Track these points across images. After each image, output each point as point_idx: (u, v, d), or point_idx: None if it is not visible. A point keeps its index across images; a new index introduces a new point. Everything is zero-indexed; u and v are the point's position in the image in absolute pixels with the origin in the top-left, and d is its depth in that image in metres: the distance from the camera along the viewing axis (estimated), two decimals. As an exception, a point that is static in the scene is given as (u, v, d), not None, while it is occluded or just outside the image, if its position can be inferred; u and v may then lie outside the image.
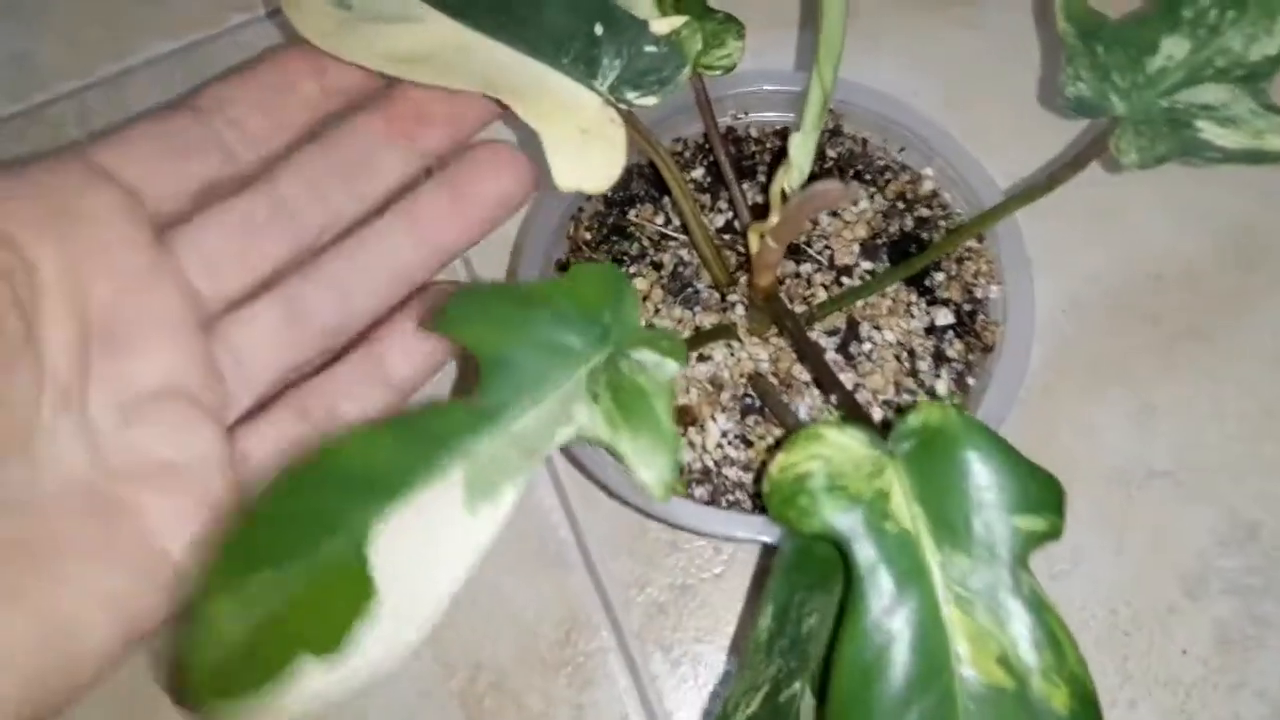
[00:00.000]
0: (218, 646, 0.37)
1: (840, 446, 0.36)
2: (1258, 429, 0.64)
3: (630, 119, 0.42)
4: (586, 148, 0.39)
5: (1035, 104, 0.69)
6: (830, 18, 0.42)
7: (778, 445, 0.49)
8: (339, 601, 0.36)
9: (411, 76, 0.42)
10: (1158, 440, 0.64)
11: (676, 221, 0.54)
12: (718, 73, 0.48)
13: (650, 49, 0.40)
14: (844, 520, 0.36)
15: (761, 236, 0.45)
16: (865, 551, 0.35)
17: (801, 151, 0.43)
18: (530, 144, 0.42)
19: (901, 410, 0.49)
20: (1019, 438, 0.64)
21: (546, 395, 0.38)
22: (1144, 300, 0.66)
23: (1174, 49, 0.41)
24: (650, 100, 0.40)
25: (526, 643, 0.60)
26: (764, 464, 0.48)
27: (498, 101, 0.41)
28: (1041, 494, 0.35)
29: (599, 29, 0.41)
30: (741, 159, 0.55)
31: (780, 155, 0.55)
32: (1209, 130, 0.39)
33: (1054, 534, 0.35)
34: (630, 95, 0.40)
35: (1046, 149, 0.67)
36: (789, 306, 0.48)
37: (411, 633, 0.35)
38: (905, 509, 0.36)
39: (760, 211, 0.54)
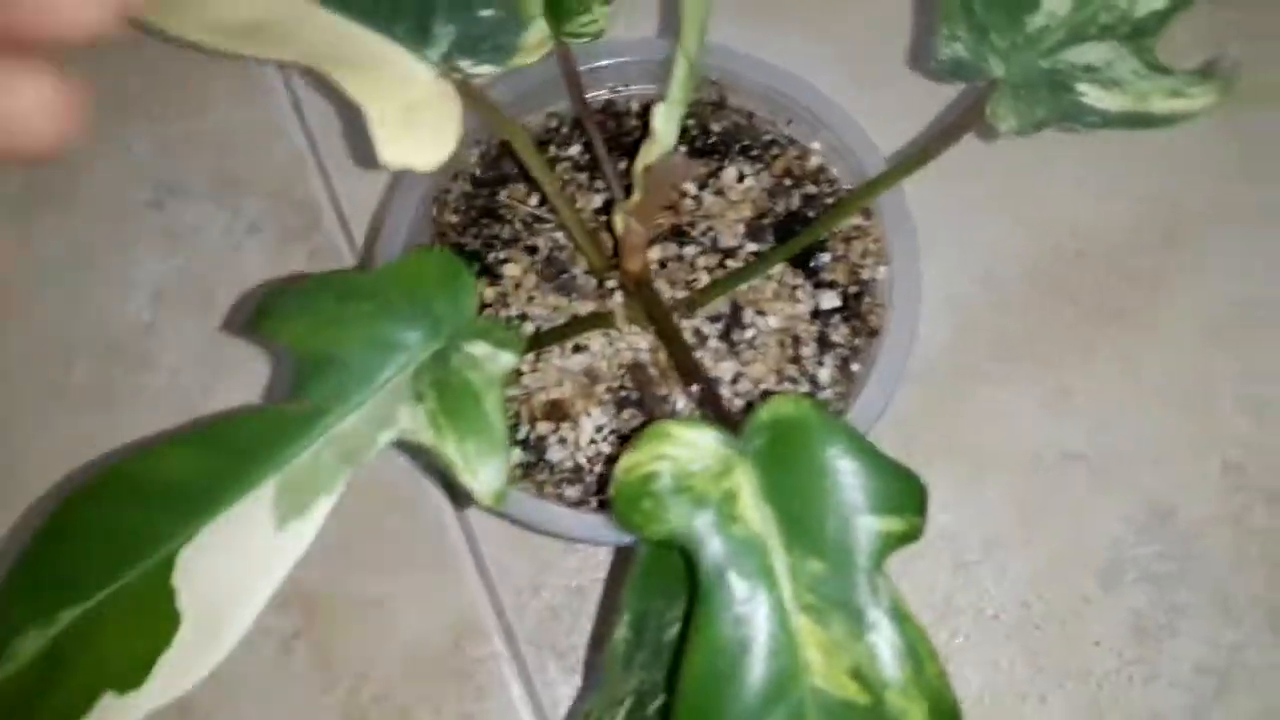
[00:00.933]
0: (17, 684, 0.33)
1: (688, 445, 0.33)
2: (1175, 411, 0.61)
3: (476, 93, 0.39)
4: (414, 123, 0.36)
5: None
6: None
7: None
8: (143, 633, 0.33)
9: (242, 49, 0.38)
10: (1072, 423, 0.61)
11: (550, 203, 0.50)
12: (584, 39, 0.44)
13: (485, 12, 0.37)
14: (691, 524, 0.32)
15: (626, 217, 0.42)
16: (712, 556, 0.32)
17: (665, 124, 0.40)
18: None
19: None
20: (923, 420, 0.62)
21: (369, 396, 0.35)
22: (1062, 276, 0.64)
23: (1056, 6, 0.38)
24: (487, 69, 0.37)
25: (414, 651, 0.57)
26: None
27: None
28: (901, 493, 0.32)
29: (430, -9, 0.37)
30: (621, 134, 0.51)
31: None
32: (1091, 93, 0.36)
33: (913, 535, 0.32)
34: (465, 64, 0.37)
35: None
36: (659, 293, 0.45)
37: (212, 658, 0.32)
38: (755, 510, 0.33)
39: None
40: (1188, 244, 0.65)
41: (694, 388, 0.42)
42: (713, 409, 0.39)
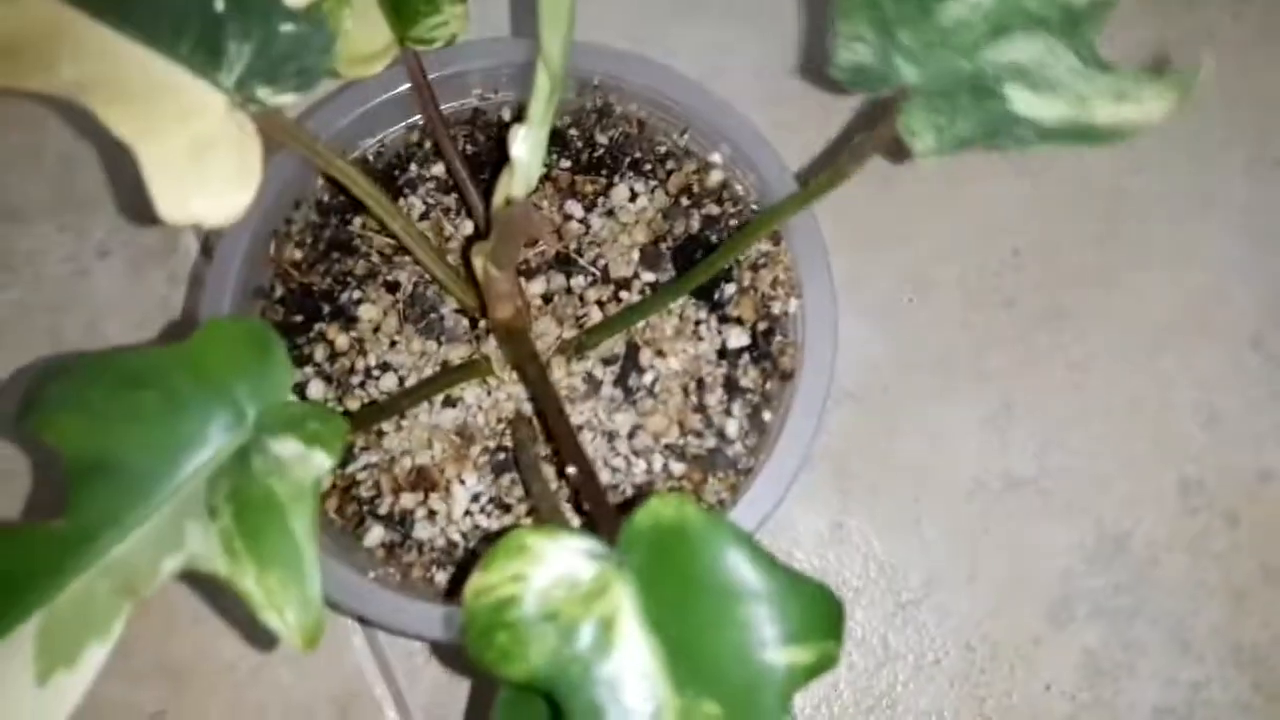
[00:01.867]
0: None
1: (551, 560, 0.27)
2: (1125, 426, 0.56)
3: (288, 126, 0.32)
4: (203, 167, 0.29)
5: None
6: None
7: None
8: None
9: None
10: (1017, 443, 0.56)
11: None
12: (434, 45, 0.37)
13: (286, 28, 0.30)
14: (558, 660, 0.26)
15: (485, 262, 0.35)
16: (585, 701, 0.26)
17: (527, 151, 0.33)
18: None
19: (685, 456, 0.40)
20: (857, 444, 0.56)
21: (152, 510, 0.28)
22: (999, 279, 0.58)
23: (976, -7, 0.31)
24: (288, 98, 0.30)
25: (297, 728, 0.51)
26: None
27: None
28: (812, 615, 0.26)
29: (219, 4, 0.30)
30: (495, 146, 0.45)
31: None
32: (1020, 99, 0.30)
33: (827, 665, 0.26)
34: (262, 92, 0.30)
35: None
36: (532, 344, 0.38)
37: None
38: (636, 640, 0.27)
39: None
40: (1129, 238, 0.59)
41: (569, 470, 0.36)
42: (591, 500, 0.32)
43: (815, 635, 0.26)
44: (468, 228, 0.44)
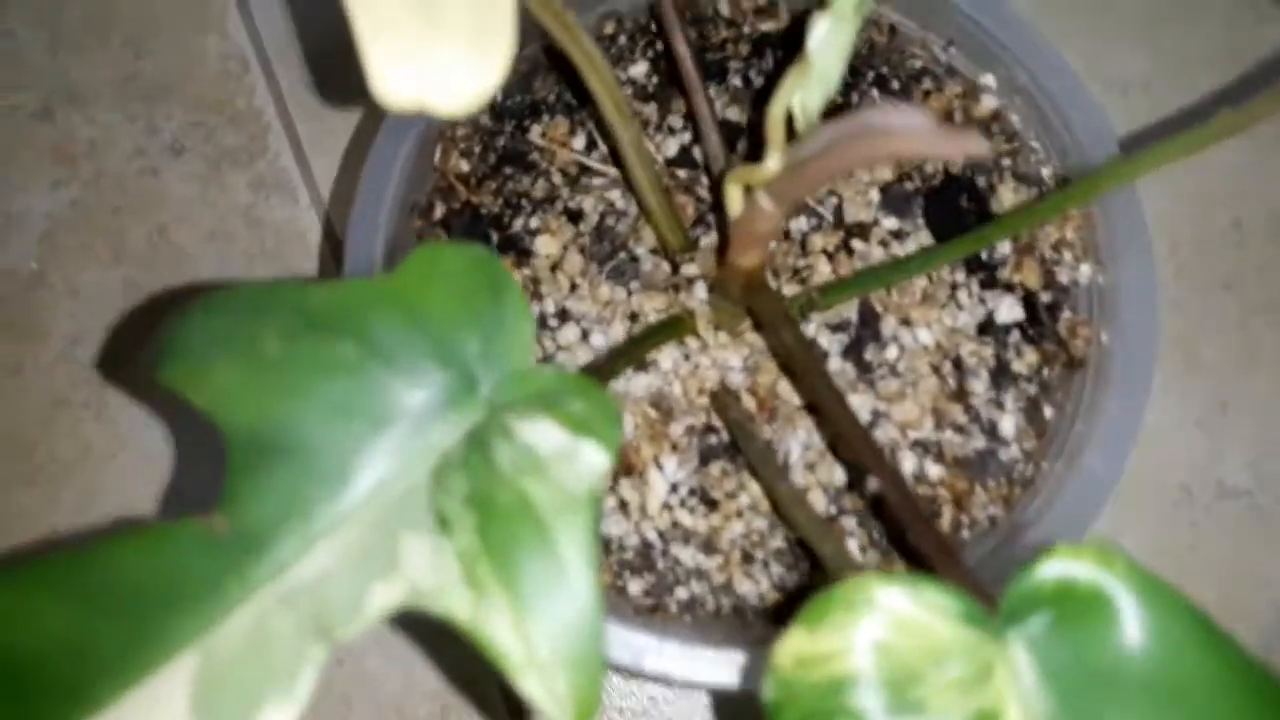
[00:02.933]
0: None
1: (908, 622, 0.19)
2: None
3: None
4: (437, 24, 0.20)
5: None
6: None
7: (754, 509, 0.32)
8: None
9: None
10: (1232, 448, 0.48)
11: (604, 147, 0.35)
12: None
13: None
14: None
15: (749, 190, 0.26)
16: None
17: (829, 51, 0.25)
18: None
19: (944, 457, 0.32)
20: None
21: (351, 514, 0.20)
22: (1217, 257, 0.50)
23: None
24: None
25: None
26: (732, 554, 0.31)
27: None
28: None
29: None
30: (706, 49, 0.36)
31: (766, 45, 0.36)
32: None
33: None
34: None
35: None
36: (779, 298, 0.30)
37: None
38: None
39: (750, 138, 0.36)
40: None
41: (870, 483, 0.28)
42: (916, 531, 0.24)
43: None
44: (670, 148, 0.35)
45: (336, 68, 0.50)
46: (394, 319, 0.21)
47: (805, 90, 0.25)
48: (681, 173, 0.35)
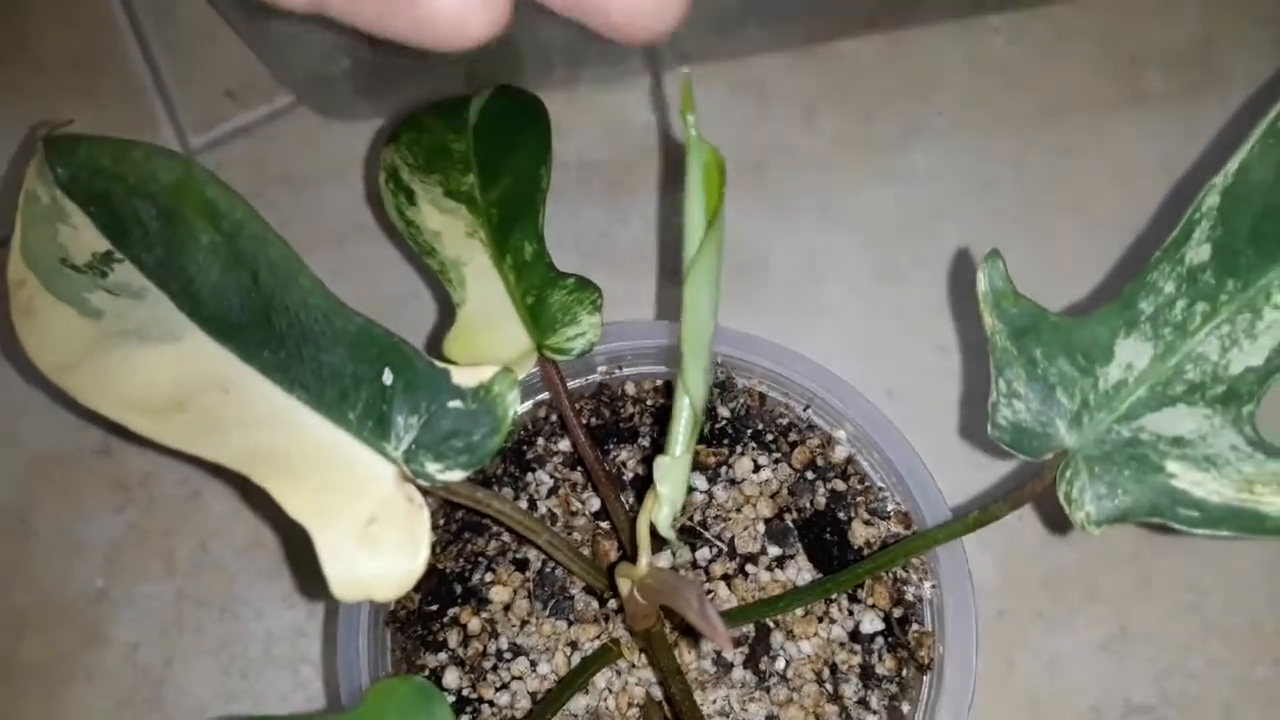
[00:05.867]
0: None
1: None
2: (1247, 649, 0.55)
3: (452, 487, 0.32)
4: (376, 542, 0.30)
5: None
6: (695, 317, 0.32)
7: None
8: None
9: (160, 437, 0.32)
10: (1135, 669, 0.55)
11: (544, 509, 0.44)
12: (570, 355, 0.38)
13: (455, 404, 0.30)
14: None
15: (629, 584, 0.35)
16: None
17: (671, 482, 0.34)
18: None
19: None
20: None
21: None
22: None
23: (1133, 355, 0.31)
24: (457, 475, 0.31)
25: None
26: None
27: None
28: None
29: (388, 376, 0.31)
30: (619, 421, 0.45)
31: (662, 414, 0.45)
32: (1183, 474, 0.30)
33: None
34: (431, 467, 0.31)
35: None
36: (668, 647, 0.38)
37: None
38: None
39: (643, 486, 0.44)
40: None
41: None
42: None
43: None
44: (594, 504, 0.44)
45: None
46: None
47: (658, 511, 0.34)
48: (605, 524, 0.44)
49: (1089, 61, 0.66)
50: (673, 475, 0.34)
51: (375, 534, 0.30)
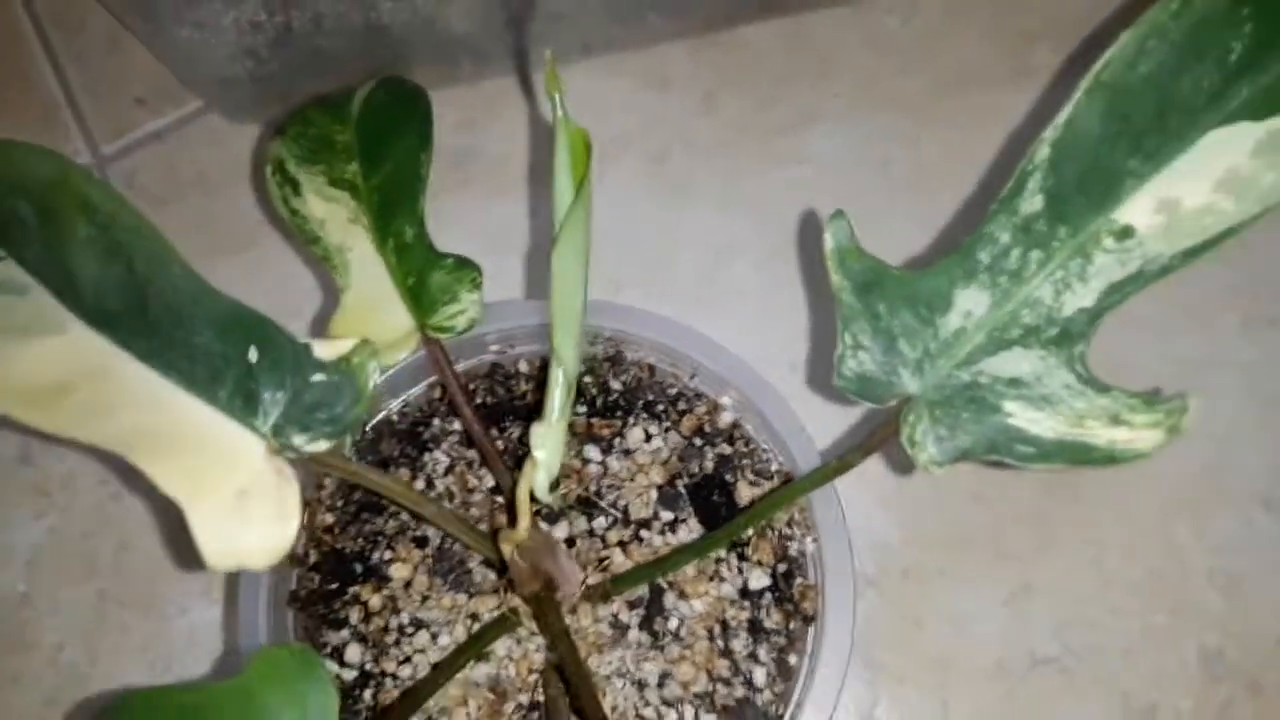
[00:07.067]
0: None
1: None
2: (1143, 599, 0.57)
3: (318, 456, 0.33)
4: (246, 515, 0.31)
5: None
6: (563, 288, 0.34)
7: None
8: None
9: (43, 424, 0.32)
10: (1038, 623, 0.57)
11: (441, 487, 0.45)
12: (453, 333, 0.39)
13: (318, 378, 0.32)
14: None
15: (511, 549, 0.36)
16: None
17: (548, 447, 0.35)
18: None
19: (715, 706, 0.41)
20: (881, 632, 0.57)
21: None
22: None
23: (972, 303, 0.33)
24: (322, 445, 0.32)
25: None
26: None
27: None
28: None
29: (254, 354, 0.32)
30: (513, 398, 0.46)
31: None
32: (1019, 413, 0.32)
33: None
34: (297, 440, 0.32)
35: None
36: (556, 610, 0.39)
37: None
38: None
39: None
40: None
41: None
42: None
43: None
44: (490, 480, 0.45)
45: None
46: (239, 709, 0.31)
47: (535, 480, 0.35)
48: (499, 498, 0.45)
49: (979, 39, 0.68)
50: (549, 441, 0.35)
51: (246, 506, 0.31)
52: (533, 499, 0.36)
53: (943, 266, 0.34)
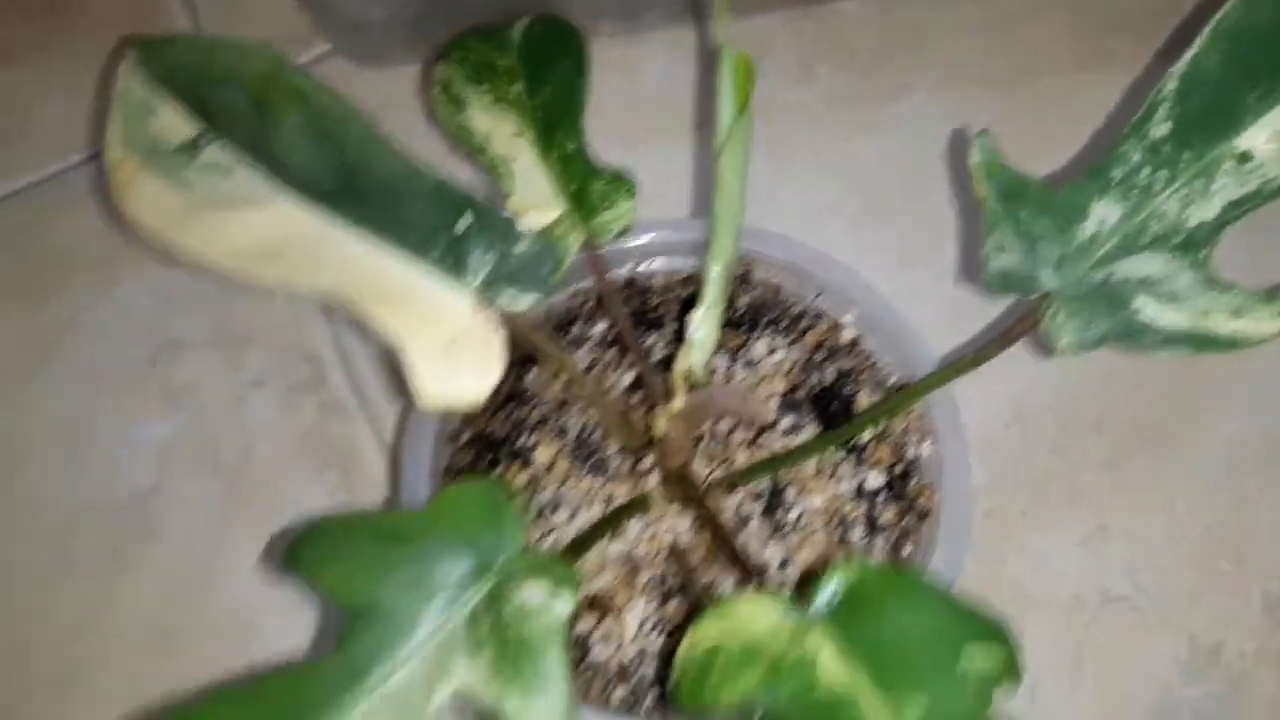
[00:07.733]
0: None
1: (751, 618, 0.32)
2: (1210, 546, 0.60)
3: (514, 320, 0.37)
4: (456, 361, 0.35)
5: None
6: (726, 189, 0.38)
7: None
8: None
9: (265, 277, 0.37)
10: (1112, 562, 0.60)
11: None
12: (608, 237, 0.43)
13: (521, 247, 0.36)
14: (768, 693, 0.31)
15: (667, 423, 0.40)
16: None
17: (702, 331, 0.39)
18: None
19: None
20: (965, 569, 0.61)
21: (421, 645, 0.33)
22: (1092, 405, 0.63)
23: (1105, 214, 0.37)
24: (528, 301, 0.36)
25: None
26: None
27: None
28: (987, 627, 0.31)
29: (462, 224, 0.36)
30: (647, 311, 0.50)
31: (688, 304, 0.51)
32: (1148, 308, 0.35)
33: (1014, 667, 0.30)
34: (506, 295, 0.36)
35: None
36: (699, 488, 0.43)
37: None
38: (839, 671, 0.31)
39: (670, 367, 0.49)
40: (1216, 367, 0.64)
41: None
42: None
43: (997, 639, 0.30)
44: (626, 379, 0.49)
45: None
46: (439, 529, 0.34)
47: (691, 359, 0.39)
48: (637, 395, 0.49)
49: (1062, 26, 0.72)
50: (705, 324, 0.39)
51: (455, 354, 0.35)
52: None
53: (1078, 183, 0.37)
